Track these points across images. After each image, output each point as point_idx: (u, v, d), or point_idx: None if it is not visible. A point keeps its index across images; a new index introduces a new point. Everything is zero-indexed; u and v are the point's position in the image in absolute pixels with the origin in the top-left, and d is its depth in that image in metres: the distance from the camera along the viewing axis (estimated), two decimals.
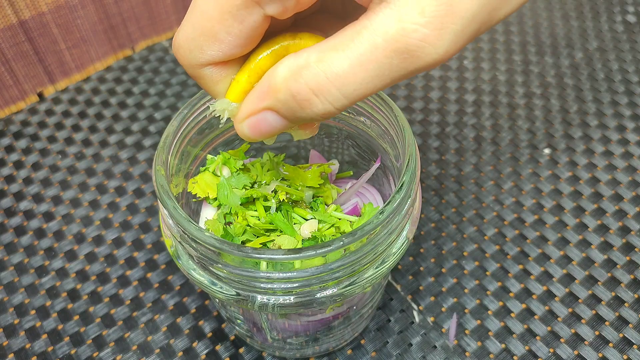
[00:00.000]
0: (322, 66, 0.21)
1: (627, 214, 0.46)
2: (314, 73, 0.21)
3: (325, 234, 0.31)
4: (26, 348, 0.39)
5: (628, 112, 0.53)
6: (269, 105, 0.23)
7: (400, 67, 0.20)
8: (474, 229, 0.45)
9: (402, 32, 0.19)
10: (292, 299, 0.27)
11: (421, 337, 0.40)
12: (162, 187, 0.28)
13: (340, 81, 0.21)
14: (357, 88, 0.21)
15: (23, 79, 0.52)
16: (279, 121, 0.23)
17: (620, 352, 0.39)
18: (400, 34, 0.19)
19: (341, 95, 0.21)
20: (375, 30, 0.20)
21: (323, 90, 0.21)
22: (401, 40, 0.20)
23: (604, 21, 0.62)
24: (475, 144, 0.51)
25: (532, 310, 0.41)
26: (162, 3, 0.57)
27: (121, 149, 0.50)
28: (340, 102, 0.21)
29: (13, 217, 0.46)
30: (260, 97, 0.23)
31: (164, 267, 0.43)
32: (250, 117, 0.24)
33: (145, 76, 0.56)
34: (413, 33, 0.19)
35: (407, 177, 0.28)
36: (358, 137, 0.35)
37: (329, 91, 0.21)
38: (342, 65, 0.21)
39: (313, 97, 0.21)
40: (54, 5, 0.50)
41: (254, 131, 0.24)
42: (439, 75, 0.56)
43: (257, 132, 0.24)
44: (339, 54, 0.21)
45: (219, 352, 0.39)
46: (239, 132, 0.25)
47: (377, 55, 0.20)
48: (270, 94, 0.23)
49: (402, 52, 0.20)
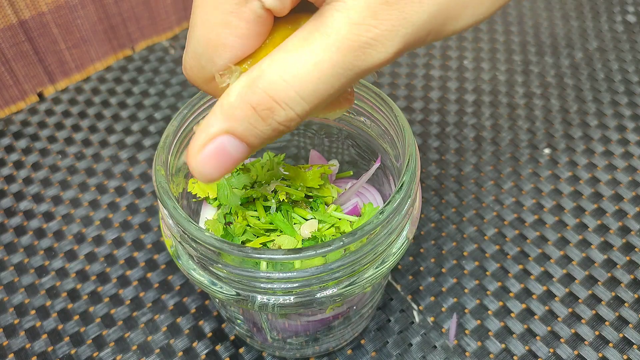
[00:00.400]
0: (277, 71, 0.20)
1: (627, 214, 0.46)
2: (270, 79, 0.20)
3: (325, 234, 0.31)
4: (26, 348, 0.39)
5: (628, 112, 0.53)
6: (224, 127, 0.21)
7: (354, 64, 0.20)
8: (474, 229, 0.45)
9: (356, 30, 0.20)
10: (292, 299, 0.27)
11: (421, 337, 0.40)
12: (162, 187, 0.28)
13: (297, 83, 0.20)
14: (315, 89, 0.21)
15: (23, 79, 0.52)
16: (238, 148, 0.22)
17: (620, 352, 0.39)
18: (354, 33, 0.20)
19: (300, 98, 0.21)
20: (328, 30, 0.20)
21: (282, 96, 0.21)
22: (354, 39, 0.20)
23: (604, 21, 0.62)
24: (475, 144, 0.51)
25: (532, 310, 0.41)
26: (162, 3, 0.57)
27: (121, 149, 0.50)
28: (301, 107, 0.21)
29: (13, 217, 0.46)
30: (212, 122, 0.22)
31: (164, 267, 0.43)
32: (204, 146, 0.22)
33: (145, 76, 0.56)
34: (366, 32, 0.20)
35: (407, 177, 0.28)
36: (358, 137, 0.35)
37: (288, 95, 0.21)
38: (297, 66, 0.20)
39: (274, 105, 0.21)
40: (54, 5, 0.50)
41: (210, 166, 0.22)
42: (439, 75, 0.56)
43: (214, 165, 0.22)
44: (293, 56, 0.20)
45: (219, 352, 0.39)
46: (195, 171, 0.23)
47: (331, 54, 0.20)
48: (226, 115, 0.21)
49: (355, 50, 0.20)
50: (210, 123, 0.22)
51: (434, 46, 0.59)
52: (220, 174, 0.23)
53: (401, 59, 0.58)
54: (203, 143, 0.22)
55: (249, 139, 0.22)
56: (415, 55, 0.58)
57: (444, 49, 0.59)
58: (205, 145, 0.22)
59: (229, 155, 0.22)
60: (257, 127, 0.21)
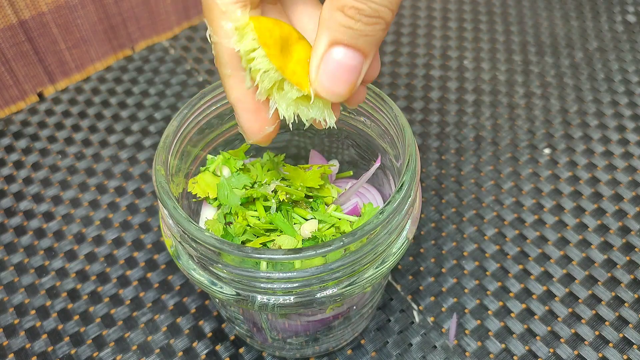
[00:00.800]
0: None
1: (627, 214, 0.46)
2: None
3: (325, 234, 0.31)
4: (26, 348, 0.39)
5: (628, 112, 0.53)
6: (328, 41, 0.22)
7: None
8: (474, 229, 0.45)
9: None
10: (292, 299, 0.27)
11: (421, 337, 0.40)
12: (162, 187, 0.28)
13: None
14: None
15: (23, 79, 0.52)
16: (354, 56, 0.22)
17: (620, 352, 0.39)
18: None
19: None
20: None
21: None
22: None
23: (604, 21, 0.62)
24: (475, 144, 0.51)
25: (532, 310, 0.41)
26: (162, 3, 0.57)
27: (121, 149, 0.50)
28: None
29: (13, 217, 0.46)
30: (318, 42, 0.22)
31: (164, 267, 0.43)
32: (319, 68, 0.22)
33: (145, 76, 0.56)
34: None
35: (407, 177, 0.28)
36: (358, 137, 0.35)
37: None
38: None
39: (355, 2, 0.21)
40: (54, 5, 0.50)
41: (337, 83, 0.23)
42: (439, 75, 0.56)
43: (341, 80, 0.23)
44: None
45: (219, 352, 0.39)
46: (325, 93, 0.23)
47: None
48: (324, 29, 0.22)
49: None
50: (317, 44, 0.22)
51: (434, 46, 0.59)
52: (351, 87, 0.23)
53: (401, 59, 0.58)
54: (317, 65, 0.23)
55: (357, 43, 0.22)
56: (415, 56, 0.58)
57: (444, 49, 0.59)
58: (320, 67, 0.23)
59: (348, 66, 0.23)
60: (355, 28, 0.22)
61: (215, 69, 0.57)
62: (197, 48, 0.59)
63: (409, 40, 0.60)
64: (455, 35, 0.61)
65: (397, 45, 0.59)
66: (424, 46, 0.59)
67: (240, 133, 0.35)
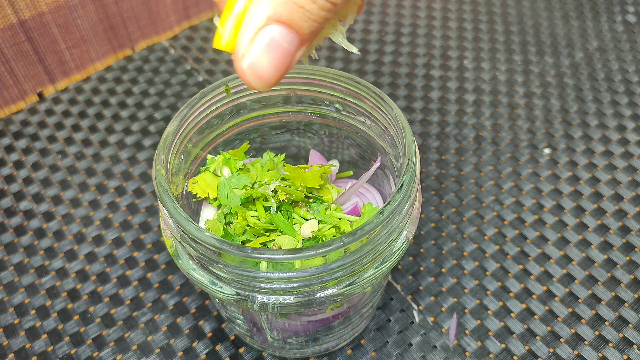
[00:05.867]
0: None
1: (627, 214, 0.46)
2: None
3: (325, 234, 0.31)
4: (26, 348, 0.39)
5: (628, 112, 0.53)
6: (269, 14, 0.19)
7: None
8: (474, 229, 0.45)
9: None
10: (292, 299, 0.27)
11: (421, 337, 0.40)
12: (162, 187, 0.28)
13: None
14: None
15: (23, 79, 0.52)
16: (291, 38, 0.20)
17: (620, 352, 0.39)
18: None
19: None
20: None
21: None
22: None
23: (604, 21, 0.62)
24: (475, 144, 0.51)
25: (532, 310, 0.41)
26: (162, 3, 0.57)
27: (121, 149, 0.50)
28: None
29: (13, 217, 0.46)
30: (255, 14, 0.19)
31: (164, 267, 0.43)
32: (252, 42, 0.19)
33: (145, 76, 0.56)
34: None
35: (407, 177, 0.28)
36: (358, 137, 0.35)
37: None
38: None
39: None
40: (54, 5, 0.50)
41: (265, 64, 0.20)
42: (439, 75, 0.56)
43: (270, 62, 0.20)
44: None
45: (219, 352, 0.39)
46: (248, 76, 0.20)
47: None
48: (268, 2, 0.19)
49: None
50: (253, 16, 0.19)
51: (434, 46, 0.59)
52: (279, 72, 0.20)
53: (401, 59, 0.58)
54: (250, 38, 0.20)
55: (298, 23, 0.19)
56: (415, 56, 0.58)
57: (444, 49, 0.59)
58: (253, 42, 0.20)
59: (282, 49, 0.20)
60: (304, 6, 0.19)
61: (215, 69, 0.57)
62: (197, 48, 0.59)
63: (409, 40, 0.60)
64: (455, 35, 0.61)
65: (397, 45, 0.59)
66: (424, 46, 0.59)
67: (240, 133, 0.35)
